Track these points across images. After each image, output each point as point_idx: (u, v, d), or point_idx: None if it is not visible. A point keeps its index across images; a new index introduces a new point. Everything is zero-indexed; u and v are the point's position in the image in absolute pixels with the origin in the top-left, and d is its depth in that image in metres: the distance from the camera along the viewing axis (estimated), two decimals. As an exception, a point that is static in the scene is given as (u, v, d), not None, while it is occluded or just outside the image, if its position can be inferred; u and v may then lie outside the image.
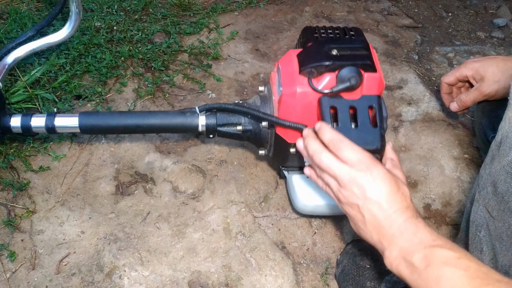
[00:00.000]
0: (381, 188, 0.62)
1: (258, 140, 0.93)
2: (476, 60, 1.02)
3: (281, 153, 0.91)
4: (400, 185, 0.64)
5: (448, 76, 1.08)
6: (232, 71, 1.39)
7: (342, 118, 0.77)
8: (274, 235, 1.04)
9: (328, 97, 0.78)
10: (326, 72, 0.78)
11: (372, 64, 0.78)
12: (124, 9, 1.51)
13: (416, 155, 1.21)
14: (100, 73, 1.29)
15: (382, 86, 0.80)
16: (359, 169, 0.63)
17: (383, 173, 0.63)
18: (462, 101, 1.06)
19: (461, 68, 1.04)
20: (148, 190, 1.10)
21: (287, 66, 0.83)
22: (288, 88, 0.81)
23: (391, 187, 0.62)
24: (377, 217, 0.61)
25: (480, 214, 0.70)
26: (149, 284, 0.94)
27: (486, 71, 0.99)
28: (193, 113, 0.92)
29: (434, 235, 0.58)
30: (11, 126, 0.92)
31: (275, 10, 1.63)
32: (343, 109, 0.77)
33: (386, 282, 0.88)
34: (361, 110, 0.77)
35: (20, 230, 1.01)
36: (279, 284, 0.96)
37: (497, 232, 0.67)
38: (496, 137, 0.68)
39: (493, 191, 0.66)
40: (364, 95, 0.78)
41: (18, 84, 1.19)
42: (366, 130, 0.75)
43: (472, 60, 1.03)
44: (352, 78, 0.76)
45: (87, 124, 0.92)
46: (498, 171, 0.65)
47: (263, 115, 0.83)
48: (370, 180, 0.62)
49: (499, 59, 0.99)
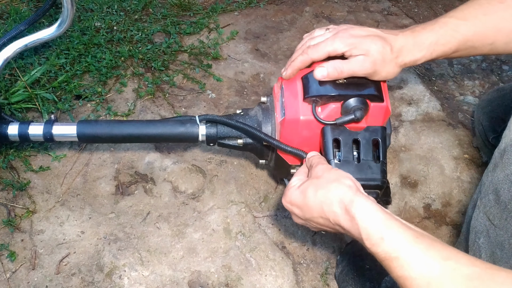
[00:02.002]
0: (308, 204, 0.65)
1: (259, 152, 0.92)
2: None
3: (282, 169, 0.90)
4: (317, 184, 0.65)
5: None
6: (232, 71, 1.39)
7: (344, 151, 0.76)
8: (274, 235, 1.04)
9: (331, 127, 0.77)
10: (331, 102, 0.76)
11: (379, 94, 0.76)
12: (124, 9, 1.51)
13: (416, 155, 1.21)
14: (100, 73, 1.29)
15: (387, 116, 0.79)
16: (287, 208, 0.69)
17: (297, 194, 0.66)
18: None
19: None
20: (148, 190, 1.10)
21: (291, 89, 0.80)
22: (291, 114, 0.78)
23: (311, 198, 0.64)
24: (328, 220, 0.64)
25: (480, 221, 0.70)
26: (149, 284, 0.94)
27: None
28: (193, 123, 0.90)
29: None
30: (8, 134, 0.92)
31: (275, 10, 1.63)
32: (346, 141, 0.76)
33: (386, 282, 0.88)
34: (364, 144, 0.76)
35: (20, 230, 1.01)
36: (279, 284, 0.96)
37: (498, 240, 0.66)
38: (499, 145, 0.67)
39: (495, 199, 0.66)
40: (369, 126, 0.77)
41: (18, 84, 1.19)
42: (367, 166, 0.75)
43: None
44: (358, 110, 0.74)
45: (85, 133, 0.91)
46: (501, 180, 0.64)
47: (265, 137, 0.82)
48: (296, 209, 0.67)
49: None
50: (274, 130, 0.86)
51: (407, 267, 0.51)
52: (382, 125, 0.78)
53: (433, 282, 0.49)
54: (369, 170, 0.74)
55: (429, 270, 0.50)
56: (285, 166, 0.87)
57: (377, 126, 0.77)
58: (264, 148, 0.90)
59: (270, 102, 0.90)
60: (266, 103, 0.91)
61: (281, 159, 0.86)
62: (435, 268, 0.50)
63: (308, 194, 0.64)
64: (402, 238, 0.53)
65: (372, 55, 0.71)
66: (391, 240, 0.54)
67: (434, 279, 0.49)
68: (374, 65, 0.71)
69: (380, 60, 0.71)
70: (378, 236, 0.55)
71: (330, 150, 0.76)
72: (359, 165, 0.75)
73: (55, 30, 0.96)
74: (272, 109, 0.88)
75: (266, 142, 0.83)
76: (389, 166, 1.18)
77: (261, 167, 1.15)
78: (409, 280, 0.51)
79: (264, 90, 1.34)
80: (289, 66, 0.79)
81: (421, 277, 0.50)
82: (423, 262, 0.51)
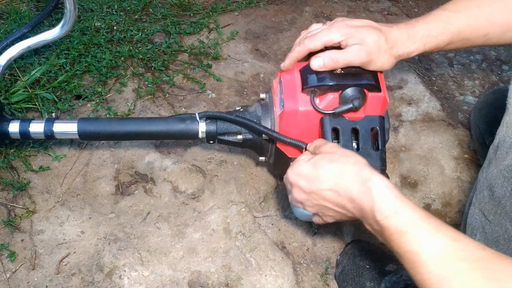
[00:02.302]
0: (318, 176, 0.66)
1: (259, 148, 0.92)
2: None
3: (282, 164, 0.90)
4: (331, 159, 0.66)
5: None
6: (232, 71, 1.39)
7: (343, 140, 0.76)
8: (274, 235, 1.04)
9: (330, 117, 0.77)
10: (329, 92, 0.77)
11: (376, 84, 0.77)
12: (124, 9, 1.51)
13: (416, 155, 1.21)
14: (100, 73, 1.29)
15: (385, 106, 0.79)
16: (292, 181, 0.70)
17: (308, 166, 0.67)
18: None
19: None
20: (148, 190, 1.10)
21: (289, 81, 0.81)
22: (290, 105, 0.79)
23: (323, 170, 0.65)
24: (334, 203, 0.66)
25: (476, 217, 0.70)
26: (149, 284, 0.94)
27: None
28: (193, 120, 0.91)
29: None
30: (9, 132, 0.92)
31: (275, 10, 1.63)
32: (345, 130, 0.77)
33: (386, 282, 0.88)
34: (363, 133, 0.77)
35: (20, 230, 1.01)
36: (279, 284, 0.96)
37: (493, 235, 0.67)
38: (493, 141, 0.68)
39: (489, 195, 0.66)
40: (367, 115, 0.78)
41: (18, 84, 1.19)
42: (367, 154, 0.75)
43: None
44: (356, 100, 0.75)
45: (86, 131, 0.91)
46: (495, 175, 0.65)
47: (265, 129, 0.83)
48: (304, 181, 0.68)
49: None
50: (274, 124, 0.87)
51: (416, 242, 0.53)
52: (380, 114, 0.79)
53: (441, 259, 0.51)
54: (368, 158, 0.74)
55: (438, 247, 0.52)
56: (285, 160, 0.87)
57: (375, 115, 0.78)
58: (264, 143, 0.90)
59: (269, 98, 0.91)
60: (265, 99, 0.92)
61: (280, 153, 0.86)
62: (444, 246, 0.51)
63: (321, 166, 0.65)
64: (415, 214, 0.55)
65: (368, 45, 0.72)
66: (404, 214, 0.56)
67: (443, 256, 0.51)
68: (369, 54, 0.73)
69: (375, 50, 0.73)
70: (392, 210, 0.57)
71: (330, 140, 0.76)
72: (358, 153, 0.75)
73: (58, 32, 0.97)
74: (271, 104, 0.89)
75: (266, 134, 0.84)
76: (389, 166, 1.18)
77: (261, 167, 1.15)
78: (417, 255, 0.52)
79: (264, 90, 1.34)
80: (287, 57, 0.81)
81: (430, 253, 0.52)
82: (433, 239, 0.52)
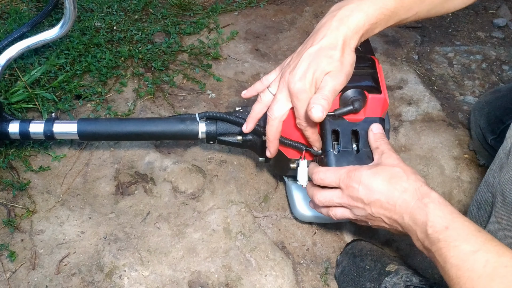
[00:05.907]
0: (377, 187, 0.67)
1: (259, 149, 0.92)
2: None
3: (281, 165, 0.90)
4: (392, 172, 0.67)
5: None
6: (232, 71, 1.39)
7: (343, 142, 0.76)
8: (274, 235, 1.04)
9: (330, 119, 0.77)
10: None
11: (377, 86, 0.77)
12: (124, 9, 1.51)
13: (416, 155, 1.21)
14: (100, 73, 1.29)
15: (386, 107, 0.79)
16: (347, 184, 0.69)
17: (368, 174, 0.68)
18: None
19: None
20: (148, 190, 1.10)
21: None
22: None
23: (383, 182, 0.67)
24: (386, 215, 0.67)
25: (492, 222, 0.70)
26: (149, 284, 0.94)
27: None
28: (193, 121, 0.91)
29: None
30: (9, 132, 0.92)
31: (275, 10, 1.63)
32: (345, 132, 0.77)
33: (386, 283, 0.88)
34: (363, 135, 0.77)
35: (20, 230, 1.01)
36: (279, 284, 0.96)
37: (507, 242, 0.67)
38: (505, 145, 0.67)
39: (502, 201, 0.66)
40: (367, 117, 0.78)
41: (18, 84, 1.19)
42: (367, 156, 0.75)
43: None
44: (356, 101, 0.75)
45: (86, 131, 0.91)
46: (506, 181, 0.64)
47: (264, 130, 0.82)
48: (362, 188, 0.68)
49: None
50: None
51: (462, 257, 0.56)
52: (380, 116, 0.78)
53: (484, 275, 0.53)
54: (368, 160, 0.74)
55: (483, 263, 0.54)
56: (284, 161, 0.87)
57: (376, 117, 0.78)
58: (264, 143, 0.90)
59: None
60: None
61: (280, 154, 0.86)
62: (489, 262, 0.54)
63: (384, 180, 0.67)
64: (465, 229, 0.59)
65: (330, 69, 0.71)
66: (454, 229, 0.59)
67: (486, 273, 0.53)
68: (341, 72, 0.72)
69: (338, 66, 0.71)
70: (444, 225, 0.60)
71: (329, 141, 0.76)
72: (359, 155, 0.75)
73: (58, 32, 0.97)
74: None
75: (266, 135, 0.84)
76: (389, 166, 1.18)
77: (261, 167, 1.15)
78: (462, 270, 0.55)
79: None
80: (249, 119, 0.83)
81: (475, 269, 0.54)
82: (479, 255, 0.55)
